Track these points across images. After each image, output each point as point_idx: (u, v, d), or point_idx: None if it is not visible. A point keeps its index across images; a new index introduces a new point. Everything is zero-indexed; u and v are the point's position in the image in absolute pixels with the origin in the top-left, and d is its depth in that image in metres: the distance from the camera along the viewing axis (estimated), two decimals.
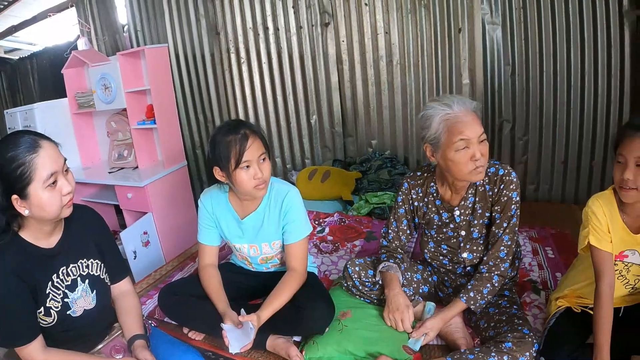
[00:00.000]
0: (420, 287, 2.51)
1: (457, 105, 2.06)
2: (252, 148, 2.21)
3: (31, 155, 1.68)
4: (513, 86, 3.74)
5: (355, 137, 4.49)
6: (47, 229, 1.83)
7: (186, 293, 2.51)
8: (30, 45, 8.77)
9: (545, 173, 3.83)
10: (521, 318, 2.09)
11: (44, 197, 1.71)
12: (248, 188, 2.29)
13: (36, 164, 1.68)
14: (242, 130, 2.23)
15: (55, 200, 1.75)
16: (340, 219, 3.74)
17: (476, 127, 2.04)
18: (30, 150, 1.68)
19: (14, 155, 1.66)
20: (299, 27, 4.37)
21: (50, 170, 1.72)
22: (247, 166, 2.23)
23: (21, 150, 1.67)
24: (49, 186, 1.72)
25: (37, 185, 1.69)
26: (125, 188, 4.55)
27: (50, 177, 1.72)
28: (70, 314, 1.87)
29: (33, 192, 1.68)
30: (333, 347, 2.20)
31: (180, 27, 4.94)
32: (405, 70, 4.07)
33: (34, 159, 1.68)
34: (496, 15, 3.62)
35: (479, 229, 2.28)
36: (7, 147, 1.67)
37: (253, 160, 2.22)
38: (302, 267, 2.43)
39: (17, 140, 1.69)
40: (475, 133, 2.03)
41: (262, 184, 2.28)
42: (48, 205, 1.73)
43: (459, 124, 2.04)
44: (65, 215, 1.84)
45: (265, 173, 2.26)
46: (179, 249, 4.51)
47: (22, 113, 5.36)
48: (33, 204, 1.70)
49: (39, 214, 1.74)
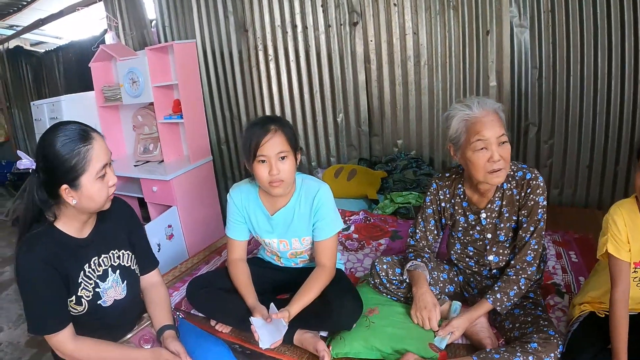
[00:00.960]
0: (446, 286, 2.51)
1: (477, 106, 2.09)
2: (270, 144, 2.23)
3: (86, 146, 1.70)
4: (540, 89, 3.72)
5: (381, 136, 4.49)
6: (83, 219, 1.85)
7: (214, 286, 2.54)
8: (55, 38, 8.84)
9: (570, 177, 3.81)
10: (546, 320, 2.09)
11: (94, 188, 1.74)
12: (264, 183, 2.31)
13: (90, 155, 1.71)
14: (268, 125, 2.25)
15: (103, 192, 1.78)
16: (365, 217, 3.75)
17: (495, 128, 2.05)
18: (84, 141, 1.70)
19: (69, 145, 1.67)
20: (327, 25, 4.38)
21: (103, 162, 1.75)
22: (263, 161, 2.25)
23: (76, 141, 1.69)
24: (99, 177, 1.74)
25: (89, 176, 1.71)
26: (151, 181, 4.60)
27: (102, 169, 1.75)
28: (101, 304, 1.89)
29: (85, 183, 1.71)
30: (360, 343, 2.22)
31: (209, 24, 4.96)
32: (432, 71, 4.06)
33: (89, 150, 1.71)
34: (524, 18, 3.60)
35: (505, 232, 2.29)
36: (60, 137, 1.68)
37: (270, 156, 2.23)
38: (331, 264, 2.45)
39: (69, 130, 1.71)
40: (494, 134, 2.05)
41: (277, 182, 2.28)
42: (97, 196, 1.76)
43: (477, 124, 2.07)
44: (107, 207, 1.87)
45: (281, 172, 2.26)
46: (202, 243, 4.54)
47: (49, 105, 5.45)
48: (83, 195, 1.72)
49: (87, 205, 1.77)
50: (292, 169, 2.32)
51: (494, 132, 2.04)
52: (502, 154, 2.06)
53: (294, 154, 2.32)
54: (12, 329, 4.01)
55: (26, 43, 9.20)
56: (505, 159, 2.07)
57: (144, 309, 2.16)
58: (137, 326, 2.08)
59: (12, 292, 4.75)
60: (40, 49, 8.98)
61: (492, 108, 2.10)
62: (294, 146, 2.32)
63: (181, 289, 2.96)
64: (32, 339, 3.80)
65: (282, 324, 2.13)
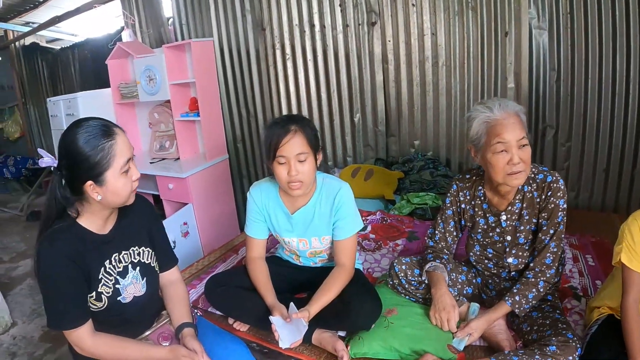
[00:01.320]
0: (465, 288, 2.51)
1: (498, 108, 2.08)
2: (289, 144, 2.22)
3: (109, 141, 1.71)
4: (558, 92, 3.69)
5: (398, 137, 4.48)
6: (105, 215, 1.86)
7: (233, 284, 2.54)
8: (71, 35, 8.87)
9: (587, 180, 3.78)
10: (565, 323, 2.08)
11: (119, 183, 1.75)
12: (283, 183, 2.32)
13: (115, 151, 1.72)
14: (288, 126, 2.24)
15: (128, 186, 1.79)
16: (382, 217, 3.75)
17: (516, 131, 2.05)
18: (107, 136, 1.71)
19: (92, 141, 1.68)
20: (345, 25, 4.37)
21: (127, 157, 1.77)
22: (282, 162, 2.26)
23: (99, 137, 1.70)
24: (123, 172, 1.75)
25: (114, 171, 1.72)
26: (167, 179, 4.63)
27: (126, 164, 1.76)
28: (120, 300, 1.89)
29: (110, 178, 1.72)
30: (379, 343, 2.21)
31: (226, 22, 4.96)
32: (450, 72, 4.05)
33: (113, 146, 1.72)
34: (543, 20, 3.58)
35: (525, 235, 2.28)
36: (83, 134, 1.69)
37: (289, 157, 2.23)
38: (351, 263, 2.45)
39: (91, 127, 1.72)
40: (514, 137, 2.04)
41: (296, 184, 2.28)
42: (122, 190, 1.77)
43: (497, 127, 2.07)
44: (131, 201, 1.88)
45: (300, 173, 2.26)
46: (218, 240, 4.55)
47: (65, 101, 5.47)
48: (108, 190, 1.73)
49: (112, 200, 1.78)
50: (312, 169, 2.32)
51: (515, 134, 2.04)
52: (522, 157, 2.06)
53: (314, 155, 2.32)
54: (26, 323, 4.04)
55: (42, 40, 9.24)
56: (526, 162, 2.07)
57: (162, 306, 2.16)
58: (156, 323, 2.09)
59: (26, 287, 4.78)
60: (56, 46, 9.03)
61: (513, 110, 2.09)
62: (315, 147, 2.32)
63: (198, 287, 2.97)
64: (46, 334, 3.82)
65: (302, 324, 2.14)
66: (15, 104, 9.71)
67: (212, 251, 3.69)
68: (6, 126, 10.03)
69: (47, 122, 8.76)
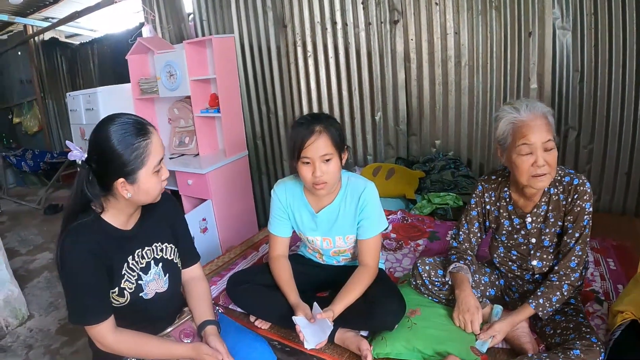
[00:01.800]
0: (488, 290, 2.49)
1: (525, 110, 2.07)
2: (314, 146, 2.21)
3: (145, 140, 1.71)
4: (581, 93, 3.64)
5: (419, 136, 4.45)
6: (130, 211, 1.86)
7: (255, 282, 2.54)
8: (90, 31, 8.92)
9: (608, 183, 3.73)
10: (588, 327, 2.06)
11: (151, 183, 1.75)
12: (307, 183, 2.32)
13: (150, 150, 1.72)
14: (313, 126, 2.23)
15: (158, 185, 1.80)
16: (403, 217, 3.73)
17: (542, 134, 2.03)
18: (142, 135, 1.71)
19: (128, 139, 1.68)
20: (367, 23, 4.35)
21: (160, 156, 1.77)
22: (307, 162, 2.25)
23: (134, 135, 1.69)
24: (155, 172, 1.76)
25: (147, 170, 1.72)
26: (186, 174, 4.64)
27: (159, 163, 1.76)
28: (142, 296, 1.89)
29: (142, 177, 1.72)
30: (402, 344, 2.20)
31: (247, 19, 4.96)
32: (473, 71, 4.02)
33: (149, 145, 1.72)
34: (567, 20, 3.54)
35: (549, 238, 2.26)
36: (118, 131, 1.68)
37: (314, 158, 2.22)
38: (374, 263, 2.44)
39: (127, 124, 1.71)
40: (540, 139, 2.03)
41: (321, 185, 2.28)
42: (153, 189, 1.78)
43: (523, 128, 2.05)
44: (157, 200, 1.88)
45: (325, 174, 2.25)
46: (236, 237, 4.56)
47: (85, 96, 5.50)
48: (140, 189, 1.73)
49: (142, 198, 1.78)
50: (337, 170, 2.31)
51: (540, 137, 2.02)
52: (548, 159, 2.04)
53: (339, 155, 2.31)
54: (43, 316, 4.07)
55: (61, 35, 9.31)
56: (551, 164, 2.05)
57: (184, 303, 2.16)
58: (178, 320, 2.08)
59: (43, 279, 4.82)
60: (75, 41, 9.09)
61: (540, 112, 2.07)
62: (340, 147, 2.30)
63: (218, 284, 2.97)
64: (63, 327, 3.85)
65: (327, 324, 2.12)
66: (34, 99, 9.81)
67: (232, 248, 3.69)
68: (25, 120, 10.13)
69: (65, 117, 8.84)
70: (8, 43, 9.99)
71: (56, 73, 9.23)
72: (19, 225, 6.82)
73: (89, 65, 8.39)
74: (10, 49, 9.97)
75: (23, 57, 9.76)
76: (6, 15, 8.10)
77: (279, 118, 5.14)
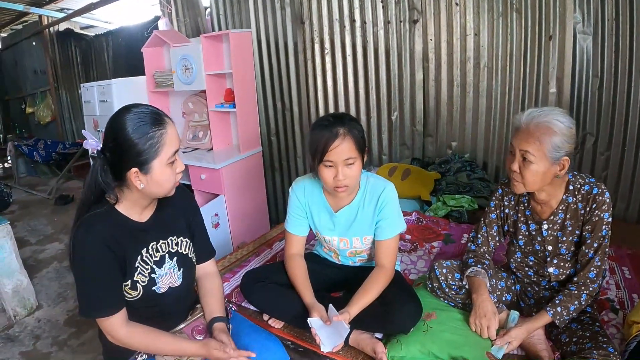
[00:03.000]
0: (504, 295, 2.46)
1: (527, 116, 2.08)
2: (338, 150, 2.17)
3: (160, 130, 1.69)
4: (600, 99, 3.60)
5: (435, 137, 4.42)
6: (144, 203, 1.85)
7: (270, 280, 2.51)
8: (105, 23, 8.95)
9: (624, 191, 3.69)
10: (605, 336, 2.02)
11: (164, 174, 1.73)
12: (329, 186, 2.29)
13: (164, 140, 1.70)
14: (336, 129, 2.18)
15: (172, 178, 1.78)
16: (418, 218, 3.70)
17: (521, 141, 2.06)
18: (158, 125, 1.70)
19: (143, 128, 1.66)
20: (386, 22, 4.32)
21: (175, 148, 1.75)
22: (329, 165, 2.22)
23: (149, 125, 1.68)
24: (169, 163, 1.74)
25: (161, 160, 1.70)
26: (199, 169, 4.63)
27: (174, 155, 1.74)
28: (155, 290, 1.87)
29: (156, 167, 1.70)
30: (417, 348, 2.16)
31: (264, 14, 4.95)
32: (492, 74, 3.98)
33: (163, 135, 1.70)
34: (588, 25, 3.50)
35: (567, 246, 2.23)
36: (134, 120, 1.67)
37: (337, 162, 2.19)
38: (391, 264, 2.41)
39: (143, 113, 1.70)
40: (518, 144, 2.07)
41: (342, 188, 2.25)
42: (166, 181, 1.76)
43: (515, 132, 2.11)
44: (172, 194, 1.86)
45: (347, 178, 2.22)
46: (247, 233, 4.56)
47: (99, 88, 5.53)
48: (153, 179, 1.72)
49: (154, 190, 1.76)
50: (359, 172, 2.29)
51: (519, 144, 2.08)
52: (523, 168, 2.10)
53: (361, 158, 2.28)
54: (52, 307, 4.07)
55: (76, 26, 9.35)
56: (527, 174, 2.09)
57: (198, 300, 2.14)
58: (191, 316, 2.07)
59: (52, 270, 4.83)
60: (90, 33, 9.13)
61: (537, 121, 2.04)
62: (362, 149, 2.27)
63: (231, 280, 2.96)
64: (71, 318, 3.85)
65: (343, 327, 2.09)
66: (47, 89, 9.86)
67: (243, 244, 3.68)
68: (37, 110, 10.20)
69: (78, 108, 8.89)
70: (23, 33, 10.06)
71: (70, 64, 9.28)
72: (29, 215, 6.85)
73: (103, 57, 8.42)
74: (25, 39, 10.04)
75: (37, 48, 9.81)
76: (22, 5, 8.14)
77: (294, 115, 5.13)
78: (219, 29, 5.32)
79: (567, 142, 2.00)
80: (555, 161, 2.02)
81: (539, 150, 2.01)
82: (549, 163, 2.02)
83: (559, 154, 2.00)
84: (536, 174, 2.05)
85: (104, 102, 5.46)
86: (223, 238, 4.59)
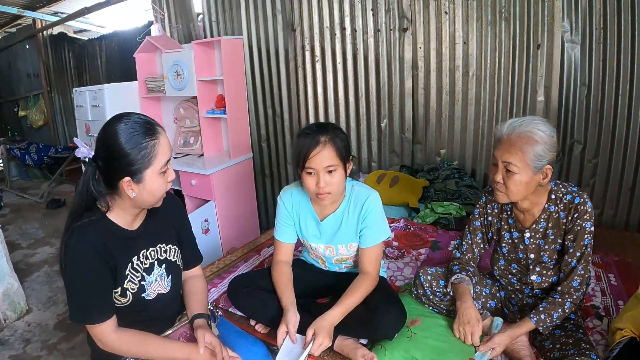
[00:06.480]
0: (488, 301, 2.48)
1: (508, 127, 2.09)
2: (318, 157, 2.21)
3: (153, 140, 1.71)
4: (587, 107, 3.64)
5: (424, 144, 4.44)
6: (135, 212, 1.85)
7: (256, 285, 2.53)
8: (99, 27, 8.96)
9: (612, 198, 3.72)
10: (588, 343, 2.04)
11: (156, 184, 1.74)
12: (311, 193, 2.32)
13: (157, 150, 1.72)
14: (318, 137, 2.22)
15: (163, 187, 1.79)
16: (405, 225, 3.72)
17: (504, 152, 2.08)
18: (151, 135, 1.71)
19: (136, 138, 1.67)
20: (376, 30, 4.35)
21: (167, 157, 1.77)
22: (311, 172, 2.25)
23: (142, 134, 1.69)
24: (161, 173, 1.75)
25: (154, 170, 1.72)
26: (190, 174, 4.66)
27: (166, 164, 1.76)
28: (144, 297, 1.88)
29: (148, 177, 1.71)
30: (401, 354, 2.18)
31: (256, 21, 4.97)
32: (480, 82, 4.01)
33: (156, 145, 1.71)
34: (576, 34, 3.53)
35: (549, 255, 2.25)
36: (127, 129, 1.68)
37: (318, 169, 2.22)
38: (375, 272, 2.43)
39: (135, 123, 1.71)
40: (500, 156, 2.09)
41: (324, 195, 2.27)
42: (158, 190, 1.77)
43: (496, 143, 2.13)
44: (159, 205, 1.88)
45: (329, 185, 2.25)
46: (237, 239, 4.57)
47: (92, 92, 5.54)
48: (145, 189, 1.73)
49: (146, 199, 1.77)
50: (341, 180, 2.31)
51: (501, 155, 2.09)
52: (506, 178, 2.11)
53: (343, 166, 2.30)
54: (42, 311, 4.08)
55: (70, 30, 9.35)
56: (510, 184, 2.10)
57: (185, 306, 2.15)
58: (178, 322, 2.09)
59: (43, 274, 4.83)
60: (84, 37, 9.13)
61: (513, 132, 2.07)
62: (345, 158, 2.30)
63: (219, 286, 2.97)
64: (61, 322, 3.85)
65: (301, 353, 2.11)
66: (40, 93, 9.84)
67: (233, 250, 3.69)
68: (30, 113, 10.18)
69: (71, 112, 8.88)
70: (17, 36, 10.05)
71: (63, 68, 9.27)
72: (20, 219, 6.83)
73: (96, 61, 8.42)
74: (18, 42, 10.02)
75: (31, 51, 9.81)
76: (15, 8, 8.13)
77: (285, 121, 5.14)
78: (211, 36, 5.33)
79: (549, 151, 2.02)
80: (538, 170, 2.04)
81: (521, 161, 2.03)
82: (532, 172, 2.04)
83: (541, 162, 2.02)
84: (520, 184, 2.07)
85: (97, 106, 5.47)
86: (213, 244, 4.60)
